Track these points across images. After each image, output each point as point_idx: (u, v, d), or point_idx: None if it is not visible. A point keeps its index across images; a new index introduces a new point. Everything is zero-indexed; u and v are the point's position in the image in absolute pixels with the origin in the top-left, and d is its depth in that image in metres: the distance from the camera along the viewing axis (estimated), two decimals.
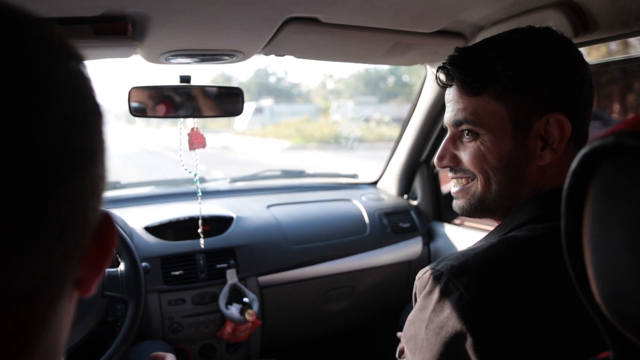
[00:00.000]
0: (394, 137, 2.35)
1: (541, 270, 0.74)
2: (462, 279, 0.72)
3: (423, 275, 0.79)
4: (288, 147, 16.75)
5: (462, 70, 0.84)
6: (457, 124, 0.87)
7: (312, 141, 17.32)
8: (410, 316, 0.80)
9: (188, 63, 1.41)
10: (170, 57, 1.33)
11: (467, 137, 0.86)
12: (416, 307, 0.79)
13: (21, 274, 0.30)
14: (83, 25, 1.08)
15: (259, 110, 22.06)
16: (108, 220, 0.37)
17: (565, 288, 0.54)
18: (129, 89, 1.40)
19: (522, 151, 0.82)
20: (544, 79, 0.81)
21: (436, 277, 0.75)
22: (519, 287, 0.72)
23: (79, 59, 0.35)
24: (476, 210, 0.88)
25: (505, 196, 0.85)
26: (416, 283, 0.81)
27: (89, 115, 0.34)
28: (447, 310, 0.71)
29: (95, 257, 0.36)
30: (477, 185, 0.87)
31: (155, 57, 1.33)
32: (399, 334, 1.09)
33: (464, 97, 0.85)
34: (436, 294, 0.74)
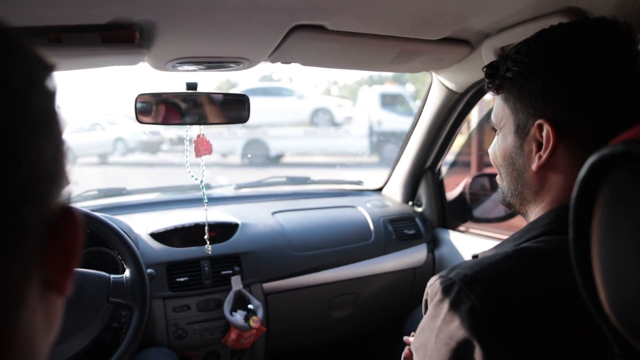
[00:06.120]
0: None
1: (555, 283, 0.73)
2: (474, 289, 0.71)
3: (434, 283, 0.77)
4: None
5: (485, 72, 0.89)
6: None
7: None
8: (421, 324, 0.79)
9: (194, 70, 1.42)
10: (176, 65, 1.34)
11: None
12: (427, 315, 0.78)
13: None
14: (91, 33, 1.09)
15: None
16: (70, 215, 0.35)
17: (578, 301, 0.53)
18: (136, 96, 1.40)
19: (520, 153, 0.84)
20: (536, 83, 0.79)
21: (448, 286, 0.74)
22: (531, 300, 0.71)
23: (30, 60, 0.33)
24: (503, 202, 0.92)
25: (513, 193, 0.87)
26: (427, 290, 0.80)
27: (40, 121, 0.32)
28: (458, 321, 0.70)
29: (59, 255, 0.34)
30: (499, 179, 0.92)
31: (162, 64, 1.34)
32: (405, 337, 1.08)
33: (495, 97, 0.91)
34: (447, 303, 0.73)
